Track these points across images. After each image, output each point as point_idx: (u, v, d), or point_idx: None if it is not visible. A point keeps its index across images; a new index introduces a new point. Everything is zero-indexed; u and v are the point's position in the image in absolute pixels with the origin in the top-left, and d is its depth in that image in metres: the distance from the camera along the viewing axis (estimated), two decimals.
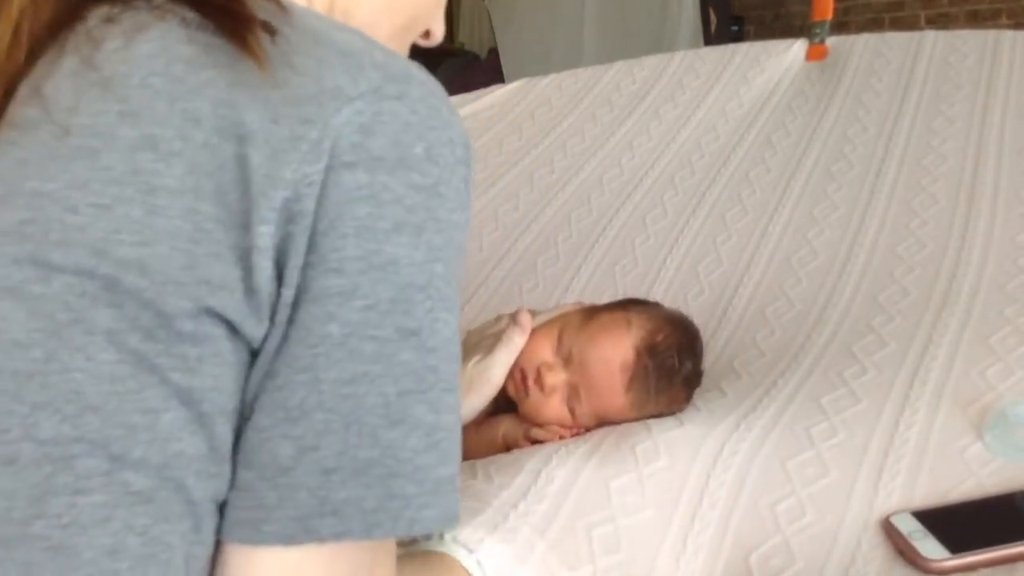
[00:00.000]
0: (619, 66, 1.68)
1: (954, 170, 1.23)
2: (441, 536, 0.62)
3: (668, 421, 0.79)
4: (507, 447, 0.81)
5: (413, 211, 0.44)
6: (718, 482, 0.74)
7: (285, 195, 0.41)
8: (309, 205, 0.42)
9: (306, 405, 0.42)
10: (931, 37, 1.53)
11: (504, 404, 0.83)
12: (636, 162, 1.43)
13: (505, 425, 0.82)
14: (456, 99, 1.66)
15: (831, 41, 1.58)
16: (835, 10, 1.63)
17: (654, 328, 0.81)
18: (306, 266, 0.42)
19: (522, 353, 0.81)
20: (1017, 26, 3.17)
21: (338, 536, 0.42)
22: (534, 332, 0.82)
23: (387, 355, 0.43)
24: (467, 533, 0.62)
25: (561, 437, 0.80)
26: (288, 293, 0.42)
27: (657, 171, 1.40)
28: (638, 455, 0.74)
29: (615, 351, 0.79)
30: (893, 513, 0.69)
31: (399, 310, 0.43)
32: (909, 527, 0.67)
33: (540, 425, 0.80)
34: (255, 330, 0.42)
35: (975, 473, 0.74)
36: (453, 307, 0.46)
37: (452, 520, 0.45)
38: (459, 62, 4.94)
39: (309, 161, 0.42)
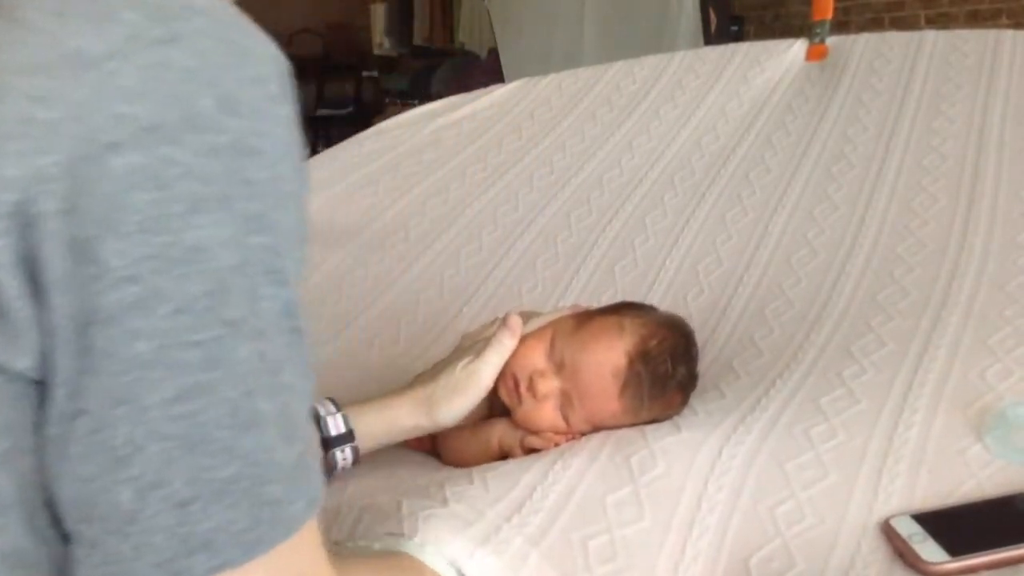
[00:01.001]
0: (619, 66, 1.67)
1: (954, 170, 1.23)
2: (411, 538, 0.61)
3: (665, 427, 0.79)
4: (503, 454, 0.81)
5: (211, 181, 0.36)
6: (716, 486, 0.73)
7: (13, 197, 0.34)
8: (50, 206, 0.34)
9: (136, 440, 0.36)
10: (931, 37, 1.52)
11: (500, 407, 0.83)
12: (636, 162, 1.43)
13: (500, 430, 0.82)
14: (456, 99, 1.66)
15: (831, 41, 1.58)
16: (835, 10, 1.62)
17: (647, 334, 0.80)
18: (87, 281, 0.35)
19: (514, 360, 0.80)
20: (1017, 26, 3.16)
21: (216, 570, 0.37)
22: (526, 338, 0.82)
23: (218, 357, 0.37)
24: (457, 546, 0.62)
25: (556, 444, 0.79)
26: (59, 314, 0.35)
27: (657, 171, 1.40)
28: (633, 466, 0.73)
29: (607, 358, 0.78)
30: (893, 516, 0.69)
31: (219, 302, 0.36)
32: (909, 530, 0.67)
33: (535, 432, 0.80)
34: (14, 358, 0.36)
35: (975, 475, 0.73)
36: (282, 279, 0.39)
37: (317, 502, 0.41)
38: (459, 62, 4.94)
39: (42, 150, 0.34)
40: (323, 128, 5.64)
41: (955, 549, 0.64)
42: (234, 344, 0.37)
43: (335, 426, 0.75)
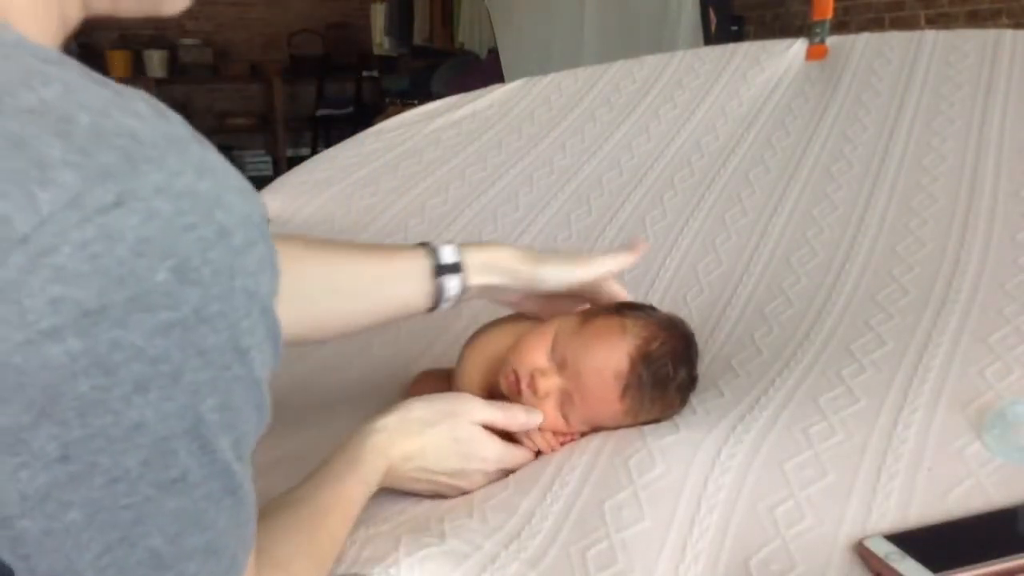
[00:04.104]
0: (619, 66, 1.67)
1: (954, 170, 1.23)
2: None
3: (664, 426, 0.79)
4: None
5: (161, 360, 0.33)
6: (716, 486, 0.73)
7: None
8: None
9: None
10: (931, 37, 1.52)
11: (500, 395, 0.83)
12: (636, 162, 1.43)
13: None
14: (456, 99, 1.66)
15: (831, 41, 1.58)
16: (835, 10, 1.62)
17: (649, 336, 0.80)
18: (12, 470, 0.33)
19: (516, 355, 0.81)
20: (1017, 26, 3.16)
21: None
22: (529, 335, 0.82)
23: (148, 514, 0.36)
24: None
25: (553, 449, 0.80)
26: None
27: (657, 171, 1.40)
28: (632, 467, 0.74)
29: (609, 359, 0.78)
30: (866, 537, 0.68)
31: (156, 467, 0.35)
32: (885, 549, 0.66)
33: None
34: None
35: (974, 473, 0.74)
36: (236, 422, 0.38)
37: None
38: (459, 62, 4.94)
39: None
40: (323, 128, 5.65)
41: (935, 566, 0.64)
42: (164, 501, 0.36)
43: (448, 255, 0.80)
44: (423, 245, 0.81)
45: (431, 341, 1.09)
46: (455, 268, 0.80)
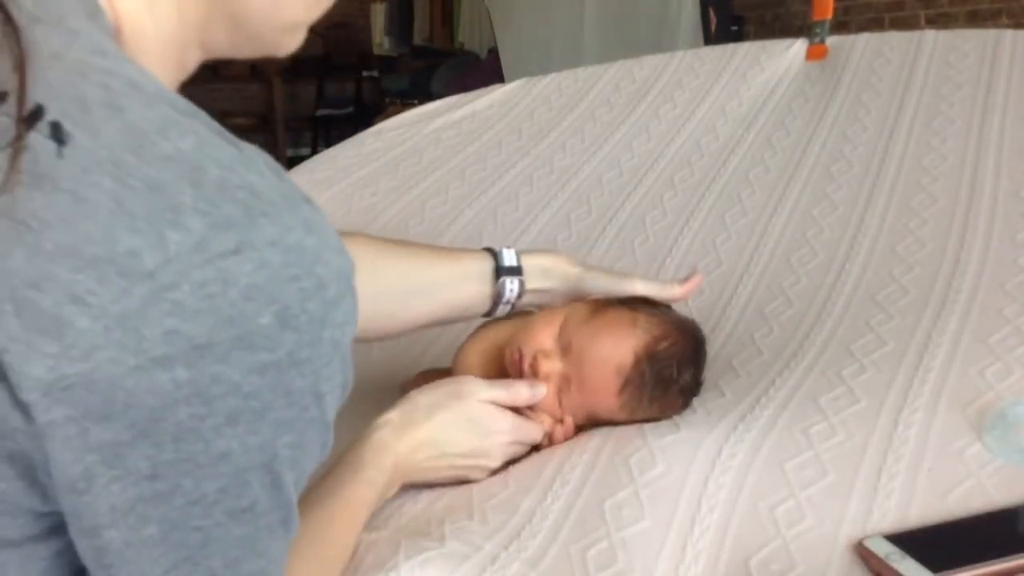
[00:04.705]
0: (619, 66, 1.67)
1: (954, 170, 1.23)
2: None
3: (664, 425, 0.79)
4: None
5: (254, 396, 0.36)
6: (716, 485, 0.73)
7: (30, 398, 0.33)
8: (66, 412, 0.33)
9: None
10: (931, 37, 1.52)
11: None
12: (636, 162, 1.43)
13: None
14: (456, 99, 1.66)
15: (831, 41, 1.58)
16: (835, 10, 1.62)
17: (659, 334, 0.80)
18: (107, 481, 0.35)
19: (523, 335, 0.81)
20: (1017, 26, 3.16)
21: None
22: (539, 317, 0.83)
23: (215, 538, 0.38)
24: None
25: (552, 441, 0.80)
26: (67, 513, 0.36)
27: (657, 171, 1.40)
28: (632, 467, 0.74)
29: (614, 352, 0.78)
30: (866, 537, 0.68)
31: (231, 495, 0.38)
32: (885, 550, 0.66)
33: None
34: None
35: (974, 473, 0.74)
36: (303, 460, 0.40)
37: None
38: (459, 62, 4.94)
39: (74, 360, 0.32)
40: (323, 128, 5.65)
41: (935, 566, 0.64)
42: (232, 527, 0.39)
43: (509, 259, 0.84)
44: (486, 249, 0.85)
45: (431, 342, 1.09)
46: (516, 271, 0.84)
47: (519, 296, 0.84)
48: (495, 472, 0.77)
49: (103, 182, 0.33)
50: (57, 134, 0.33)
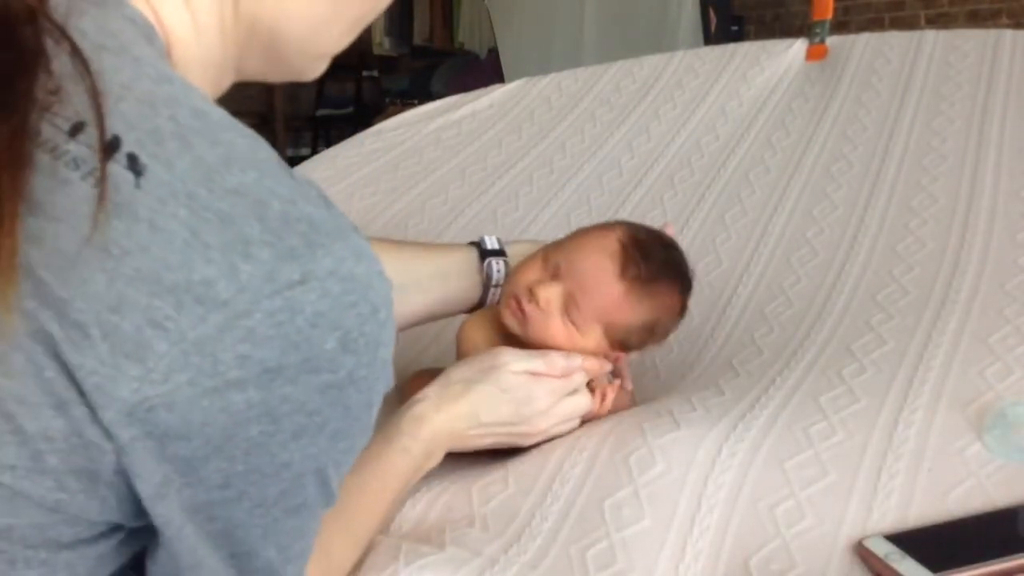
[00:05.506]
0: (619, 66, 1.67)
1: (954, 170, 1.23)
2: None
3: (664, 424, 0.79)
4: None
5: (317, 413, 0.39)
6: (716, 485, 0.73)
7: (113, 418, 0.35)
8: (144, 430, 0.35)
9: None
10: (931, 37, 1.52)
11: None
12: (635, 162, 1.43)
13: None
14: (456, 99, 1.66)
15: (831, 41, 1.58)
16: (835, 10, 1.62)
17: (635, 230, 0.83)
18: (179, 488, 0.38)
19: (511, 283, 0.83)
20: (1017, 26, 3.17)
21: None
22: (517, 266, 0.85)
23: (273, 532, 0.42)
24: None
25: (603, 394, 0.82)
26: (158, 508, 0.39)
27: (657, 171, 1.40)
28: (632, 466, 0.74)
29: (601, 244, 0.80)
30: (866, 537, 0.68)
31: (289, 496, 0.41)
32: (884, 549, 0.66)
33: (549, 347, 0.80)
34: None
35: (974, 473, 0.73)
36: (350, 458, 0.44)
37: None
38: (459, 62, 4.95)
39: (154, 382, 0.35)
40: (323, 128, 5.65)
41: (935, 566, 0.63)
42: (287, 521, 0.42)
43: (491, 243, 0.89)
44: (470, 243, 0.89)
45: (429, 342, 1.09)
46: (499, 252, 0.88)
47: (506, 277, 0.87)
48: (553, 438, 0.79)
49: (179, 213, 0.35)
50: (134, 165, 0.35)
